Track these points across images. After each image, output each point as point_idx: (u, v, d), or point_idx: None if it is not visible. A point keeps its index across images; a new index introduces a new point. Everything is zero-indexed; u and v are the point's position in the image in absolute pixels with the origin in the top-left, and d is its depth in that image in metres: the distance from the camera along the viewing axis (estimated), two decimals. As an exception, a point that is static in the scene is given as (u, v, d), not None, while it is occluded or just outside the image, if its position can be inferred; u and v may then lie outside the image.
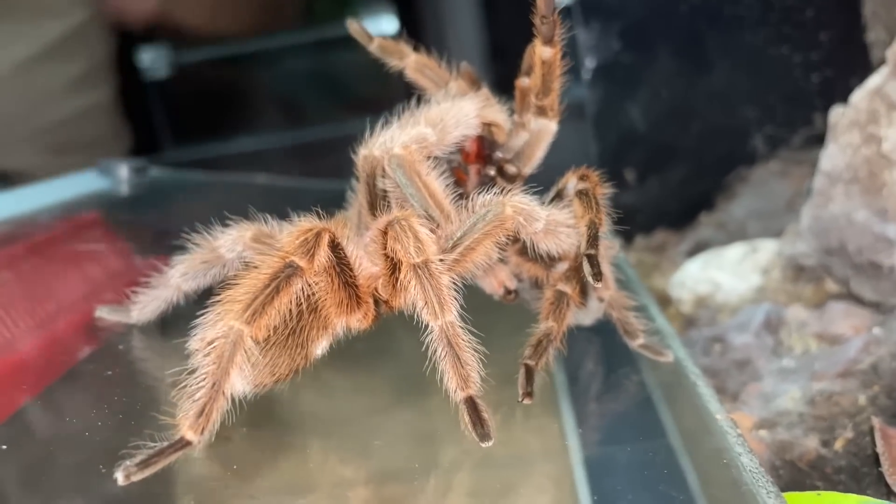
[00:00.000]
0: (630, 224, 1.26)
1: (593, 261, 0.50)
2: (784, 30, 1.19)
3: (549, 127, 0.59)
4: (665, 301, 1.04)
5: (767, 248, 1.01)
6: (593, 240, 0.51)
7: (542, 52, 0.55)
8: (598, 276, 0.49)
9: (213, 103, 2.61)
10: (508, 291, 0.60)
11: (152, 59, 2.43)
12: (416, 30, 2.38)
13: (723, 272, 1.00)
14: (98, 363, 0.63)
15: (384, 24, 2.59)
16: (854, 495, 0.50)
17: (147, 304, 0.61)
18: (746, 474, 0.45)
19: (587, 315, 0.65)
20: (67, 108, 1.59)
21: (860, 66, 1.12)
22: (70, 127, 1.60)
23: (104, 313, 0.64)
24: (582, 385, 0.60)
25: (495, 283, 0.59)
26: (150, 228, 1.05)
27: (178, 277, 0.58)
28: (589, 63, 1.21)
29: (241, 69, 2.76)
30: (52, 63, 1.53)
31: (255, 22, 1.94)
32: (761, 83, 1.21)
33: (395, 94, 0.68)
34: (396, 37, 0.66)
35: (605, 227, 0.58)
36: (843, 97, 0.94)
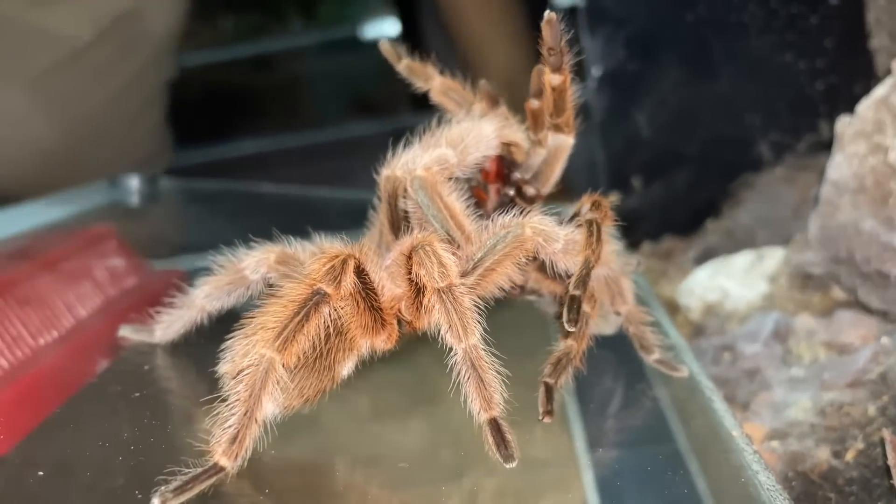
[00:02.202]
0: (637, 230, 1.27)
1: (575, 302, 0.50)
2: (788, 37, 1.20)
3: (566, 142, 0.60)
4: (673, 308, 1.05)
5: (775, 256, 1.02)
6: (582, 280, 0.51)
7: (551, 80, 0.56)
8: (573, 320, 0.50)
9: (216, 106, 2.62)
10: (514, 286, 0.61)
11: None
12: (417, 33, 2.38)
13: (731, 280, 1.02)
14: (120, 381, 0.64)
15: (387, 27, 2.60)
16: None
17: (171, 324, 0.62)
18: (764, 493, 0.46)
19: (608, 325, 0.66)
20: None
21: (864, 72, 1.13)
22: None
23: (128, 332, 0.66)
24: (596, 399, 0.62)
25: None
26: (164, 241, 1.07)
27: (202, 298, 0.59)
28: (595, 71, 1.22)
29: (244, 72, 2.77)
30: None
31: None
32: (766, 90, 1.22)
33: (398, 96, 0.69)
34: (399, 40, 0.67)
35: (618, 248, 0.60)
36: (848, 103, 0.95)
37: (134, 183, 1.27)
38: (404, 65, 0.67)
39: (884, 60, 1.12)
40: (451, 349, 0.49)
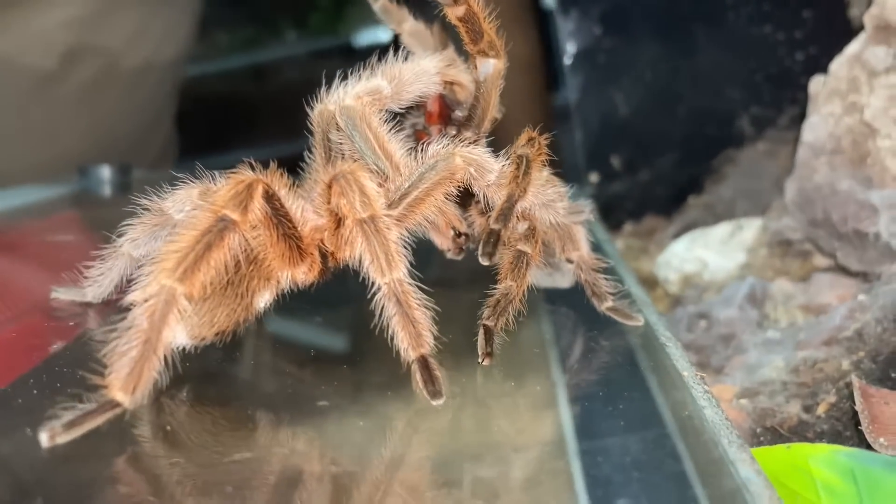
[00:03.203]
0: (618, 210, 1.24)
1: (492, 236, 0.48)
2: (766, 8, 1.17)
3: (496, 66, 0.56)
4: (652, 283, 1.02)
5: (753, 226, 0.99)
6: (504, 214, 0.49)
7: (454, 14, 0.53)
8: (490, 254, 0.48)
9: (212, 117, 2.62)
10: (458, 234, 0.58)
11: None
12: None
13: (709, 251, 0.98)
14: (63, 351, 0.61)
15: (380, 35, 2.59)
16: (825, 445, 0.48)
17: (100, 280, 0.59)
18: (708, 425, 0.43)
19: (563, 278, 0.63)
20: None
21: (844, 42, 1.10)
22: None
23: (60, 294, 0.63)
24: (553, 354, 0.58)
25: (443, 225, 0.57)
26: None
27: (128, 245, 0.56)
28: (570, 48, 1.20)
29: (238, 83, 2.77)
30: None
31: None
32: (745, 64, 1.20)
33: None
34: (392, 46, 0.64)
35: (563, 191, 0.57)
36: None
37: (105, 173, 1.25)
38: (380, 4, 0.66)
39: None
40: (374, 284, 0.46)
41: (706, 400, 0.46)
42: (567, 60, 1.19)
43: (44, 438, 0.39)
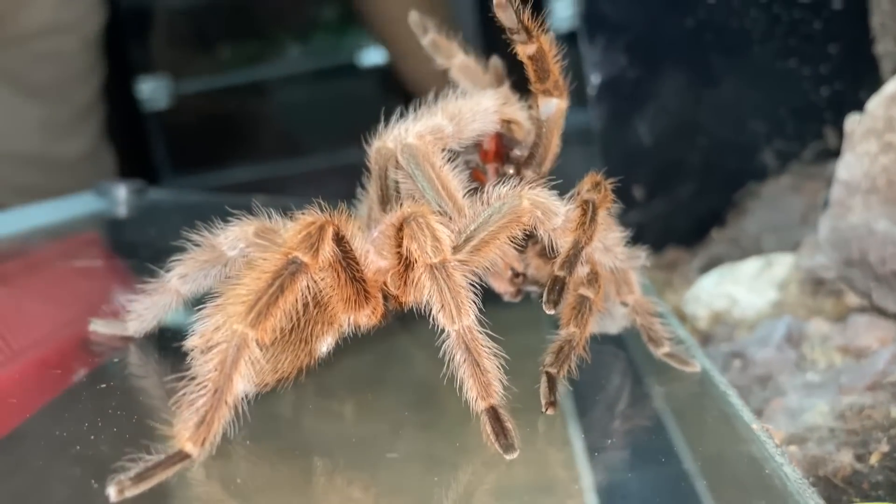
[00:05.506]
0: (639, 242, 1.23)
1: (557, 283, 0.47)
2: (792, 43, 1.17)
3: (559, 106, 0.56)
4: (680, 318, 1.01)
5: (784, 262, 0.98)
6: (569, 261, 0.48)
7: (525, 51, 0.52)
8: (555, 302, 0.47)
9: (213, 133, 2.60)
10: (517, 274, 0.57)
11: (152, 90, 2.42)
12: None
13: (739, 287, 0.97)
14: (96, 380, 0.60)
15: (383, 54, 2.59)
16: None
17: (144, 314, 0.57)
18: (791, 484, 0.42)
19: (613, 323, 0.62)
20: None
21: (870, 78, 1.10)
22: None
23: (99, 327, 0.61)
24: (601, 401, 0.57)
25: (503, 267, 0.55)
26: (149, 248, 1.02)
27: (176, 280, 0.55)
28: (594, 79, 1.19)
29: (239, 99, 2.76)
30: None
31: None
32: (770, 97, 1.20)
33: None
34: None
35: (623, 237, 0.56)
36: (854, 110, 0.92)
37: (121, 193, 1.24)
38: (429, 39, 0.65)
39: (889, 65, 1.09)
40: (443, 331, 0.45)
41: (782, 457, 0.45)
42: (591, 92, 1.19)
43: (112, 493, 0.37)
